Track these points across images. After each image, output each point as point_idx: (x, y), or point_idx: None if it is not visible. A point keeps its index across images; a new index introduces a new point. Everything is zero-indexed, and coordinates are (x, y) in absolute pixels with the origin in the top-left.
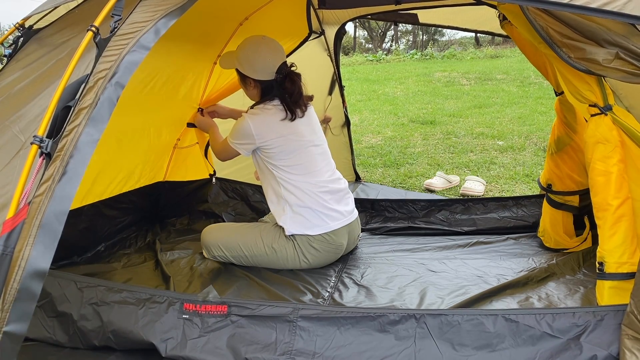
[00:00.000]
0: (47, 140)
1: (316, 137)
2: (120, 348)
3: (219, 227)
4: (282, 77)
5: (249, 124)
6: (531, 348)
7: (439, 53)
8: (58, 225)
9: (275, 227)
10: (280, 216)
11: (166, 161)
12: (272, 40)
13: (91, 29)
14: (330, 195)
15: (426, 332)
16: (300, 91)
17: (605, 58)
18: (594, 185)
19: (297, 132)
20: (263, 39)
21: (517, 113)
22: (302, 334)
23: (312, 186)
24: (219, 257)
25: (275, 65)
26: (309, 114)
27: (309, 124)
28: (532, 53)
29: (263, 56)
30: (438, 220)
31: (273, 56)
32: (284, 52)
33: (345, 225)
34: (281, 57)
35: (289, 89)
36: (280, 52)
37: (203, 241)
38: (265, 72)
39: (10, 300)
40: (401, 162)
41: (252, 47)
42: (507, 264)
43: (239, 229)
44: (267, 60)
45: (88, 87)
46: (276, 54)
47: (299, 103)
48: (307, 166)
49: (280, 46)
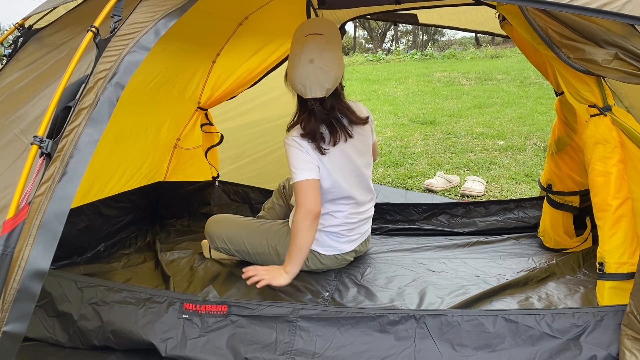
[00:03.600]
0: (47, 141)
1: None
2: (120, 348)
3: (225, 219)
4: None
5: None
6: (531, 348)
7: (439, 53)
8: (58, 226)
9: (282, 228)
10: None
11: (166, 161)
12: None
13: (91, 30)
14: (355, 224)
15: (426, 332)
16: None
17: (605, 59)
18: (594, 186)
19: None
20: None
21: (517, 113)
22: (302, 334)
23: (342, 214)
24: (221, 248)
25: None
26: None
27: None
28: (532, 53)
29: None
30: (439, 222)
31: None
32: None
33: (357, 245)
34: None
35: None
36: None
37: (207, 231)
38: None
39: (10, 300)
40: (401, 162)
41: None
42: (507, 264)
43: (244, 225)
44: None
45: (88, 87)
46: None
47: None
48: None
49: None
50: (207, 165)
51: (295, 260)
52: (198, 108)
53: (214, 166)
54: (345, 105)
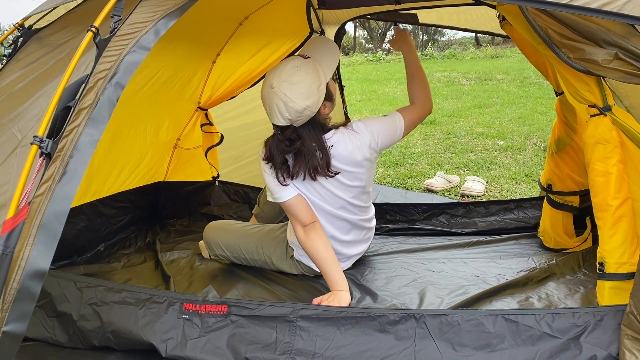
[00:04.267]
0: (47, 141)
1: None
2: (120, 348)
3: (221, 226)
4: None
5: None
6: (531, 348)
7: (439, 53)
8: (58, 226)
9: (278, 234)
10: (292, 235)
11: (166, 161)
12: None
13: (91, 30)
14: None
15: (426, 332)
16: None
17: (605, 58)
18: (594, 186)
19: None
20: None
21: (517, 113)
22: (302, 333)
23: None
24: (220, 255)
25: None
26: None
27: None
28: (532, 53)
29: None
30: (439, 222)
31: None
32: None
33: (356, 260)
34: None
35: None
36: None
37: (205, 238)
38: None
39: (9, 300)
40: (401, 162)
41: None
42: (507, 264)
43: (241, 231)
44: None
45: (88, 87)
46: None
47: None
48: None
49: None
50: (207, 165)
51: (329, 274)
52: (198, 108)
53: (214, 166)
54: (320, 144)
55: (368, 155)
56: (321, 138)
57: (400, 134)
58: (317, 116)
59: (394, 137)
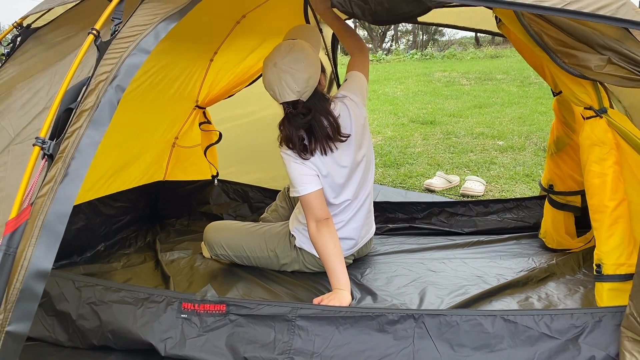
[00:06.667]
0: (50, 142)
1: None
2: (119, 348)
3: (223, 226)
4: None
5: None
6: (529, 349)
7: (439, 53)
8: (60, 226)
9: (281, 230)
10: (294, 223)
11: (165, 160)
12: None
13: (92, 32)
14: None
15: (425, 332)
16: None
17: (598, 64)
18: (590, 188)
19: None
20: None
21: (517, 113)
22: (301, 333)
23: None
24: (221, 255)
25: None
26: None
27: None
28: (528, 53)
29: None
30: (439, 221)
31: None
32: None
33: (358, 249)
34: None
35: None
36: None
37: (206, 238)
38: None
39: (12, 300)
40: (401, 162)
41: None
42: (507, 264)
43: (242, 230)
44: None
45: (89, 89)
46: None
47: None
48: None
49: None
50: (206, 163)
51: (334, 271)
52: (196, 106)
53: (213, 164)
54: (327, 113)
55: (365, 113)
56: (327, 107)
57: (366, 84)
58: (318, 87)
59: (365, 89)
